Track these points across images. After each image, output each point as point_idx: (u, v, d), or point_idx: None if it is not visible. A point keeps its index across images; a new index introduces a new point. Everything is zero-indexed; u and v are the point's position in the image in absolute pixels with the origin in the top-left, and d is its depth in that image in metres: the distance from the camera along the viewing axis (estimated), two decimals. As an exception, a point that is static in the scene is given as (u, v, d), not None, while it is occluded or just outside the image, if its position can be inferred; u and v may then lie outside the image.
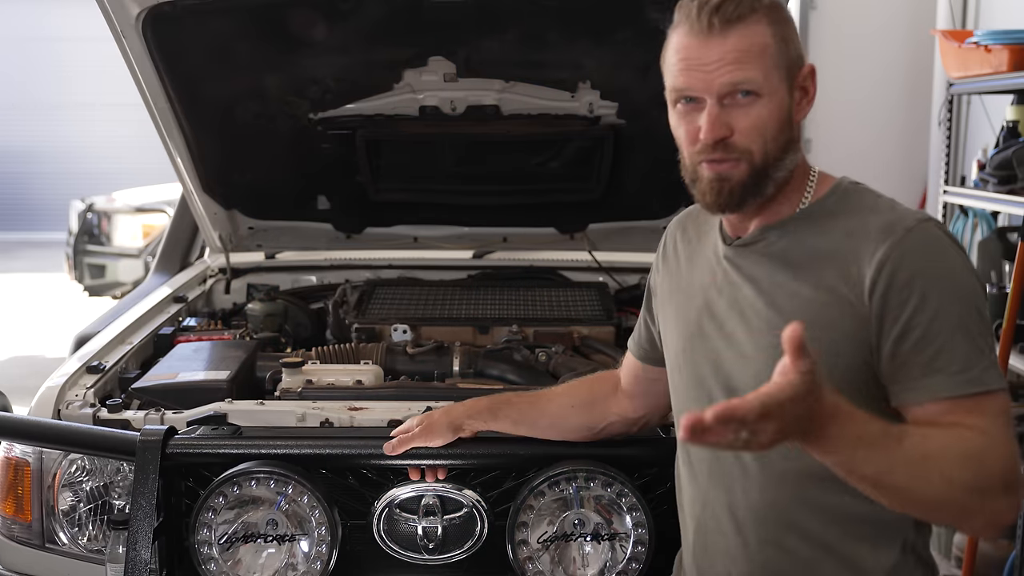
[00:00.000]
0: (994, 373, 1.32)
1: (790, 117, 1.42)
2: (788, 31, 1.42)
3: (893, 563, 1.44)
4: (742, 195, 1.42)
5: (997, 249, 3.90)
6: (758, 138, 1.39)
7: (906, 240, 1.36)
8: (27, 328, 8.36)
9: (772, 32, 1.39)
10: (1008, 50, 3.50)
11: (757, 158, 1.40)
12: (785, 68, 1.40)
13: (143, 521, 1.74)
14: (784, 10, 1.44)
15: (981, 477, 1.24)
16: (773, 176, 1.42)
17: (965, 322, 1.33)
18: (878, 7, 5.34)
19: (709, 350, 1.51)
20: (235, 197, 3.15)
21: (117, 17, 2.43)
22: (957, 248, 1.39)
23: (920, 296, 1.33)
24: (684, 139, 1.44)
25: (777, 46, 1.39)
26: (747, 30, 1.37)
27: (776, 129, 1.40)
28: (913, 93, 5.28)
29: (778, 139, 1.41)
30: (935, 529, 4.15)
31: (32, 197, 14.07)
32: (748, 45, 1.37)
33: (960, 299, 1.34)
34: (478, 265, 3.33)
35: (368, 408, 2.02)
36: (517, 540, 1.81)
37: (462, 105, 2.85)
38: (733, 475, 1.48)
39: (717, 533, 1.52)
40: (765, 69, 1.38)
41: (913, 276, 1.34)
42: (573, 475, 1.80)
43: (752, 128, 1.39)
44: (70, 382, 2.14)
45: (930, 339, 1.32)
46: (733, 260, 1.50)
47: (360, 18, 2.54)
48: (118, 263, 7.61)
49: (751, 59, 1.37)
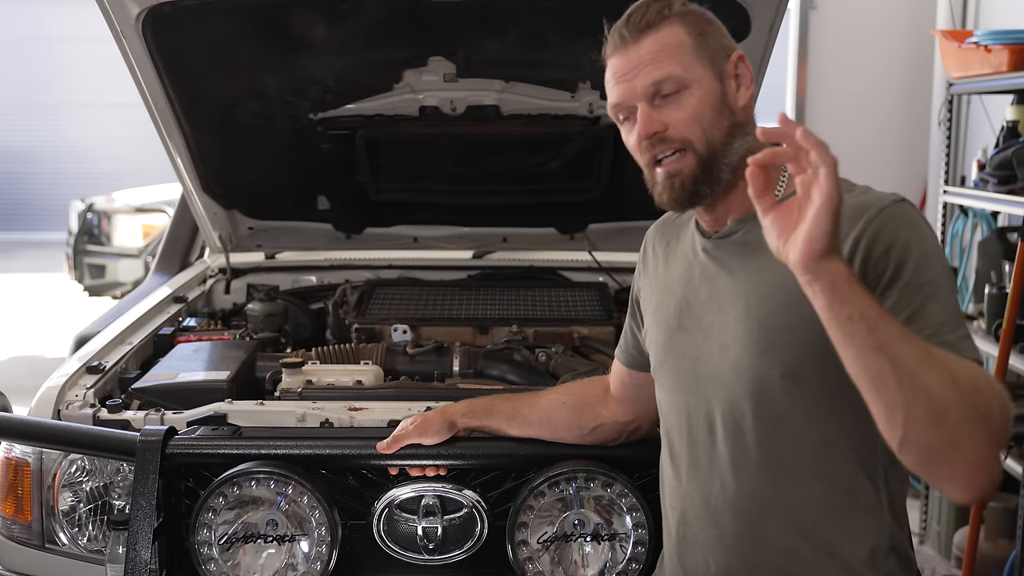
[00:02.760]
0: (969, 343, 1.31)
1: (726, 103, 1.46)
2: (705, 26, 1.47)
3: (870, 551, 1.44)
4: (694, 187, 1.46)
5: (997, 249, 3.90)
6: (694, 126, 1.44)
7: (880, 217, 1.37)
8: (27, 328, 8.36)
9: (686, 30, 1.46)
10: (1008, 50, 3.50)
11: (699, 146, 1.44)
12: (707, 58, 1.46)
13: (143, 521, 1.74)
14: (696, 12, 1.49)
15: (976, 393, 1.20)
16: (724, 162, 1.46)
17: (938, 292, 1.32)
18: (878, 7, 5.34)
19: (689, 343, 1.53)
20: (235, 197, 3.15)
21: (117, 17, 2.43)
22: (928, 227, 1.40)
23: (895, 266, 1.34)
24: (635, 149, 1.51)
25: (693, 40, 1.45)
26: (659, 33, 1.45)
27: (712, 114, 1.45)
28: (913, 93, 5.28)
29: (717, 124, 1.45)
30: (935, 528, 4.18)
31: (32, 197, 14.06)
32: (661, 45, 1.44)
33: (932, 270, 1.34)
34: (478, 265, 3.33)
35: (368, 408, 2.02)
36: (517, 540, 1.81)
37: (462, 105, 2.85)
38: (712, 467, 1.50)
39: (696, 525, 1.54)
40: (684, 62, 1.44)
41: (888, 248, 1.35)
42: (573, 475, 1.80)
43: (685, 118, 1.44)
44: (70, 382, 2.14)
45: (903, 305, 1.32)
46: (711, 252, 1.53)
47: (360, 18, 2.54)
48: (118, 263, 7.61)
49: (666, 56, 1.44)
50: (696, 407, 1.52)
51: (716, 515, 1.50)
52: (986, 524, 3.56)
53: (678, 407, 1.56)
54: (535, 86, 2.81)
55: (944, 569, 3.90)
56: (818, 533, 1.44)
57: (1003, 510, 3.61)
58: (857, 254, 1.36)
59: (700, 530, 1.53)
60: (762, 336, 1.44)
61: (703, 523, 1.53)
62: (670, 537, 1.61)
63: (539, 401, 1.84)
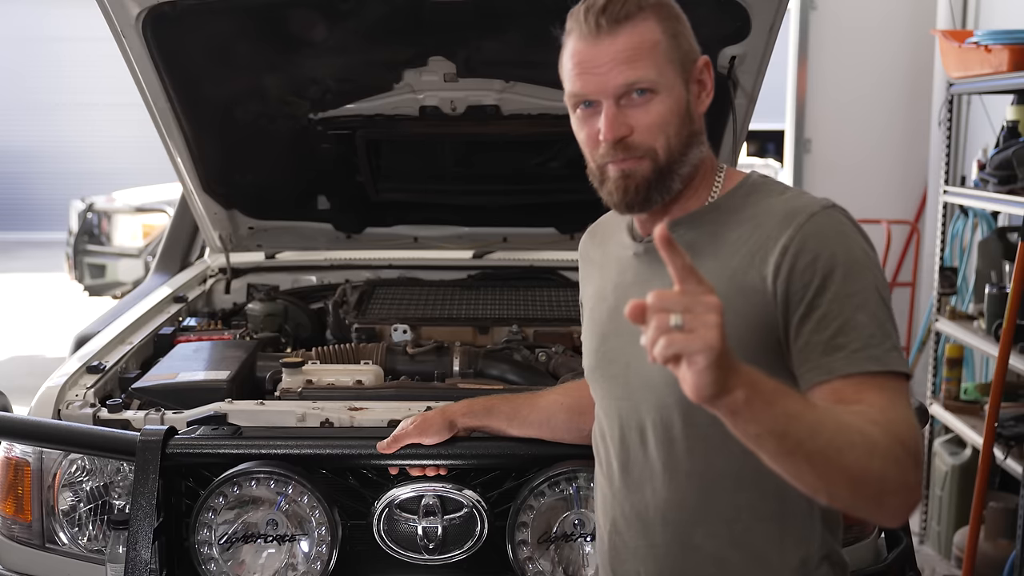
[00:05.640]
0: (897, 356, 1.30)
1: (690, 111, 1.42)
2: (678, 26, 1.42)
3: (801, 560, 1.43)
4: (647, 192, 1.41)
5: (997, 249, 3.91)
6: (660, 135, 1.39)
7: (808, 224, 1.35)
8: (27, 328, 8.36)
9: (662, 28, 1.38)
10: (1008, 50, 3.50)
11: (661, 154, 1.40)
12: (679, 62, 1.40)
13: (143, 521, 1.74)
14: (672, 7, 1.43)
15: (896, 444, 1.20)
16: (678, 172, 1.42)
17: (866, 302, 1.31)
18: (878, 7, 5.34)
19: (621, 349, 1.49)
20: (235, 197, 3.15)
21: (117, 17, 2.43)
22: (860, 234, 1.37)
23: (822, 276, 1.31)
24: (586, 143, 1.45)
25: (668, 41, 1.39)
26: (636, 28, 1.37)
27: (677, 124, 1.40)
28: (913, 93, 5.28)
29: (680, 134, 1.40)
30: (935, 528, 4.18)
31: (32, 197, 14.08)
32: (638, 43, 1.37)
33: (861, 280, 1.32)
34: (478, 265, 3.33)
35: (368, 408, 2.02)
36: (517, 540, 1.81)
37: (462, 105, 2.85)
38: (643, 476, 1.47)
39: (627, 533, 1.51)
40: (658, 65, 1.38)
41: (815, 258, 1.32)
42: (573, 475, 1.80)
43: (652, 125, 1.38)
44: (70, 382, 2.14)
45: (831, 318, 1.30)
46: (643, 257, 1.50)
47: (360, 18, 2.54)
48: (118, 263, 7.62)
49: (642, 57, 1.37)
50: (628, 414, 1.48)
51: (647, 524, 1.48)
52: (986, 524, 3.56)
53: (611, 413, 1.52)
54: (535, 86, 2.81)
55: (944, 569, 3.90)
56: (748, 541, 1.43)
57: (1003, 510, 3.61)
58: (784, 262, 1.33)
59: (631, 539, 1.51)
60: None
61: (634, 532, 1.50)
62: (602, 545, 1.58)
63: (539, 402, 1.82)
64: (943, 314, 4.11)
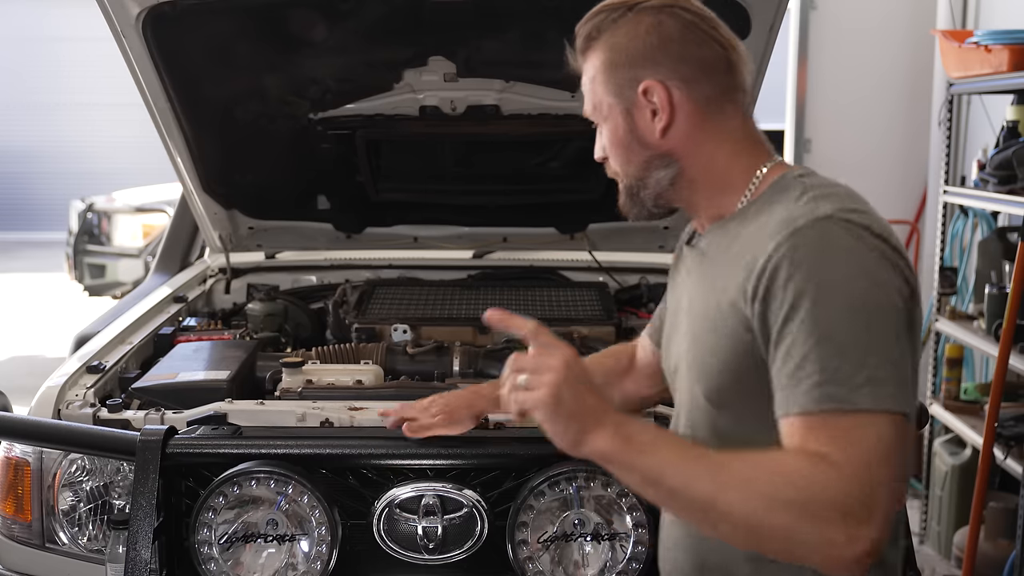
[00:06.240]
0: (868, 392, 1.18)
1: (635, 137, 1.43)
2: (616, 55, 1.42)
3: None
4: (627, 207, 1.51)
5: (997, 249, 3.91)
6: (614, 159, 1.48)
7: (790, 239, 1.26)
8: (27, 328, 8.36)
9: (602, 60, 1.44)
10: (1008, 50, 3.50)
11: (623, 177, 1.49)
12: (614, 93, 1.43)
13: (143, 521, 1.74)
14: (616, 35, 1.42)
15: (810, 500, 1.14)
16: (643, 193, 1.47)
17: (835, 331, 1.20)
18: (878, 7, 5.33)
19: (673, 347, 1.56)
20: (235, 197, 3.15)
21: (117, 17, 2.43)
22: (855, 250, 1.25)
23: (791, 301, 1.23)
24: None
25: (605, 75, 1.43)
26: (586, 62, 1.48)
27: (621, 151, 1.45)
28: (913, 93, 5.28)
29: (630, 160, 1.45)
30: (935, 528, 4.17)
31: (32, 197, 14.07)
32: (588, 77, 1.47)
33: (830, 305, 1.21)
34: (478, 265, 3.33)
35: (368, 408, 2.01)
36: (517, 540, 1.81)
37: (462, 105, 2.85)
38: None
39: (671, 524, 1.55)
40: (595, 97, 1.46)
41: (789, 278, 1.24)
42: (573, 475, 1.80)
43: (607, 148, 1.48)
44: (70, 382, 2.14)
45: (797, 346, 1.22)
46: (684, 258, 1.57)
47: (360, 18, 2.54)
48: (118, 263, 7.62)
49: (589, 89, 1.47)
50: (677, 407, 1.54)
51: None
52: (986, 524, 3.56)
53: (672, 405, 1.59)
54: (535, 86, 2.81)
55: (944, 569, 3.90)
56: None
57: (1003, 510, 3.61)
58: (760, 284, 1.27)
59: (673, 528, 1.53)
60: (694, 354, 1.43)
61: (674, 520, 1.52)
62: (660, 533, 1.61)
63: None
64: (943, 314, 4.11)
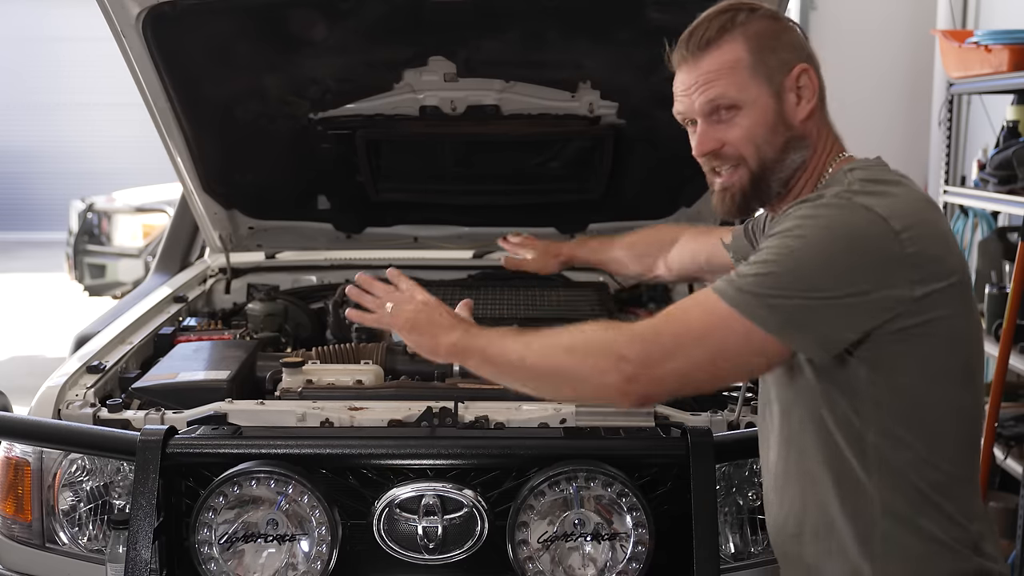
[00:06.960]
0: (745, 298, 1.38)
1: (783, 119, 1.51)
2: (766, 41, 1.51)
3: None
4: (744, 201, 1.55)
5: (997, 249, 3.91)
6: (749, 145, 1.51)
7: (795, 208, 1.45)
8: (27, 328, 8.36)
9: (747, 47, 1.50)
10: (1008, 50, 3.50)
11: (752, 163, 1.52)
12: (764, 76, 1.50)
13: (143, 521, 1.75)
14: (762, 23, 1.51)
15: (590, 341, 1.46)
16: (775, 177, 1.53)
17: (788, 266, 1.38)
18: (878, 7, 5.34)
19: None
20: (235, 197, 3.15)
21: (117, 17, 2.43)
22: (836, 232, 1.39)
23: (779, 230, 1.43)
24: (696, 156, 1.59)
25: (752, 57, 1.49)
26: (718, 51, 1.50)
27: (767, 133, 1.51)
28: (913, 93, 5.28)
29: (772, 142, 1.51)
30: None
31: (32, 197, 14.07)
32: (719, 65, 1.50)
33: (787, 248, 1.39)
34: (478, 265, 3.33)
35: (368, 408, 2.02)
36: (517, 540, 1.81)
37: (462, 105, 2.85)
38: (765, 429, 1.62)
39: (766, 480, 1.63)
40: (738, 82, 1.50)
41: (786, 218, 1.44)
42: (573, 475, 1.80)
43: (739, 138, 1.51)
44: (70, 382, 2.14)
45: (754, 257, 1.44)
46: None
47: (360, 18, 2.54)
48: (118, 263, 7.61)
49: (722, 77, 1.50)
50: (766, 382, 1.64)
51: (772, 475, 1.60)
52: (986, 524, 3.56)
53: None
54: (535, 86, 2.81)
55: (944, 569, 3.89)
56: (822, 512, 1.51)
57: (1003, 510, 3.61)
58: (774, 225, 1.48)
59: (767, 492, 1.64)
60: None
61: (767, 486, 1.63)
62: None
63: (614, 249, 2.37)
64: (943, 314, 4.10)
